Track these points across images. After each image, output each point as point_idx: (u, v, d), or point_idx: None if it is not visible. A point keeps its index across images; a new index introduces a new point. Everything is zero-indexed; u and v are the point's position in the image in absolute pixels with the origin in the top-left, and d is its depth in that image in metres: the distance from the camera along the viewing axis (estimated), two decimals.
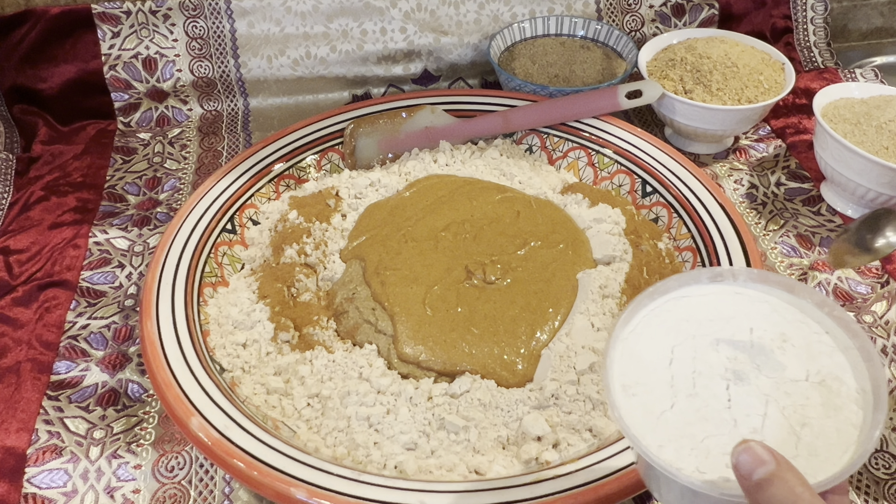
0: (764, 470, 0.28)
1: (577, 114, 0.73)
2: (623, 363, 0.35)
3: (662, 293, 0.37)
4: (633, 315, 0.37)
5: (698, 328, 0.35)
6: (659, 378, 0.34)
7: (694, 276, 0.37)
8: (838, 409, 0.31)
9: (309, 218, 0.66)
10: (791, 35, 0.93)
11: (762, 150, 0.79)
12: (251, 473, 0.45)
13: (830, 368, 0.33)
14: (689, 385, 0.33)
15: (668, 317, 0.36)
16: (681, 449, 0.31)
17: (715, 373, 0.33)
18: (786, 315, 0.35)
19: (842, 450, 0.31)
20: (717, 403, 0.32)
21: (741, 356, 0.34)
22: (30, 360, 0.58)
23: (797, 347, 0.34)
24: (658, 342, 0.35)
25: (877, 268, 0.64)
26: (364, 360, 0.55)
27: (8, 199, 0.75)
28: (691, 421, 0.32)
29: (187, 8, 0.85)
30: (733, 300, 0.36)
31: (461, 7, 0.87)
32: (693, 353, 0.34)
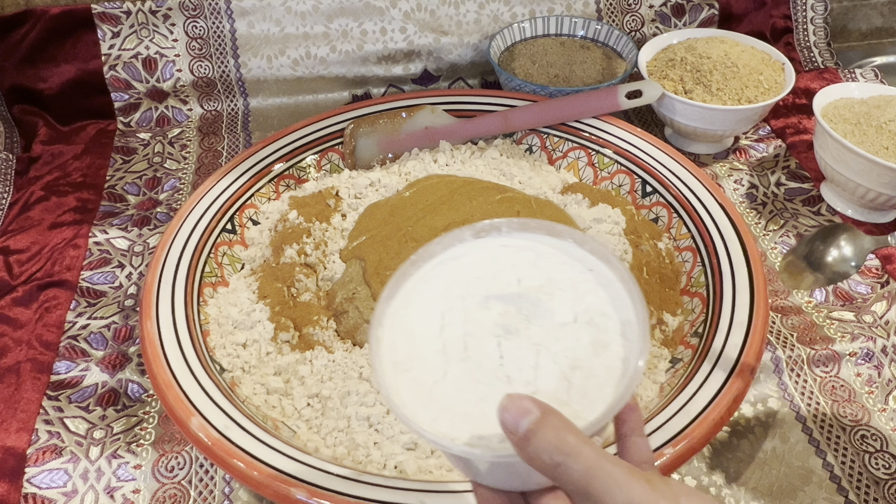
0: (528, 420, 0.27)
1: (577, 114, 0.73)
2: (393, 339, 0.33)
3: (427, 258, 0.36)
4: (398, 287, 0.35)
5: (467, 288, 0.34)
6: (430, 348, 0.32)
7: (457, 236, 0.36)
8: (606, 345, 0.31)
9: (309, 218, 0.66)
10: (791, 35, 0.93)
11: (762, 150, 0.79)
12: (251, 473, 0.45)
13: (597, 305, 0.32)
14: (461, 349, 0.32)
15: (436, 283, 0.35)
16: (455, 418, 0.30)
17: (486, 331, 0.32)
18: (551, 259, 0.34)
19: (612, 386, 0.30)
20: (490, 363, 0.31)
21: (511, 309, 0.33)
22: (30, 360, 0.58)
23: (564, 290, 0.33)
24: (428, 311, 0.34)
25: (877, 268, 0.64)
26: (364, 360, 0.55)
27: (8, 199, 0.75)
28: (463, 386, 0.31)
29: (187, 8, 0.85)
30: (499, 254, 0.35)
31: (461, 7, 0.87)
32: (463, 314, 0.33)
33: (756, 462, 0.52)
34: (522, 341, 0.31)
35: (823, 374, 0.56)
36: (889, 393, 0.55)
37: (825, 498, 0.49)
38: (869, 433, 0.53)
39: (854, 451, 0.52)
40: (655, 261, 0.62)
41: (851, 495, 0.49)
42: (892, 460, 0.51)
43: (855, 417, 0.54)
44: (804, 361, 0.57)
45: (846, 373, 0.56)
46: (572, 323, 0.32)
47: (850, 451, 0.52)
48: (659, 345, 0.56)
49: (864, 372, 0.56)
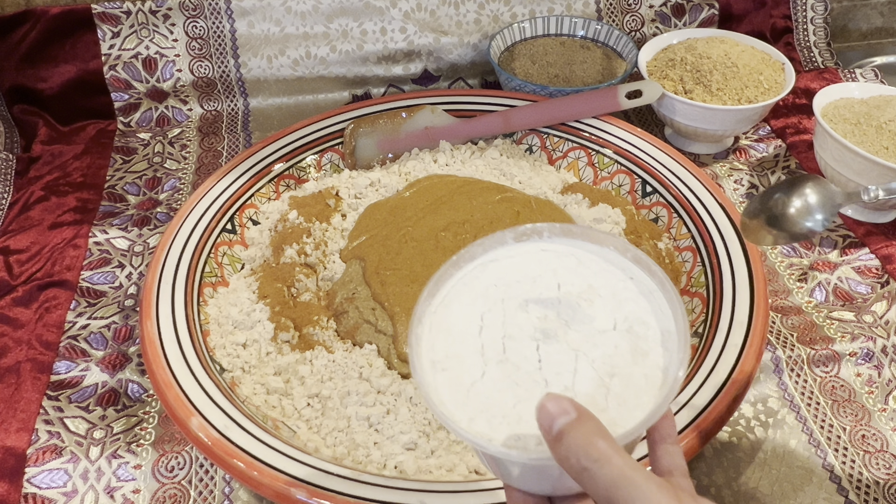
0: (563, 420, 0.27)
1: (577, 114, 0.73)
2: (432, 338, 0.33)
3: (468, 260, 0.36)
4: (438, 287, 0.35)
5: (507, 291, 0.34)
6: (469, 348, 0.33)
7: (499, 239, 0.36)
8: (645, 353, 0.31)
9: (309, 218, 0.66)
10: (791, 35, 0.93)
11: (762, 150, 0.79)
12: (251, 473, 0.45)
13: (637, 314, 0.32)
14: (499, 351, 0.32)
15: (476, 284, 0.35)
16: (493, 419, 0.30)
17: (525, 334, 0.32)
18: (591, 266, 0.35)
19: (650, 395, 0.30)
20: (528, 365, 0.31)
21: (550, 314, 0.33)
22: (30, 360, 0.58)
23: (604, 297, 0.33)
24: (467, 311, 0.34)
25: (877, 268, 0.64)
26: (364, 360, 0.55)
27: (8, 199, 0.75)
28: (502, 388, 0.31)
29: (187, 8, 0.85)
30: (540, 258, 0.35)
31: (461, 7, 0.87)
32: (503, 317, 0.33)
33: (756, 462, 0.52)
34: (561, 346, 0.32)
35: (823, 374, 0.56)
36: (889, 393, 0.55)
37: (825, 498, 0.49)
38: (869, 433, 0.53)
39: (854, 451, 0.52)
40: (656, 261, 0.62)
41: (851, 495, 0.49)
42: (892, 460, 0.51)
43: (855, 417, 0.54)
44: (804, 361, 0.57)
45: (846, 373, 0.56)
46: (611, 330, 0.32)
47: (850, 451, 0.52)
48: None
49: (864, 372, 0.56)
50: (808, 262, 0.66)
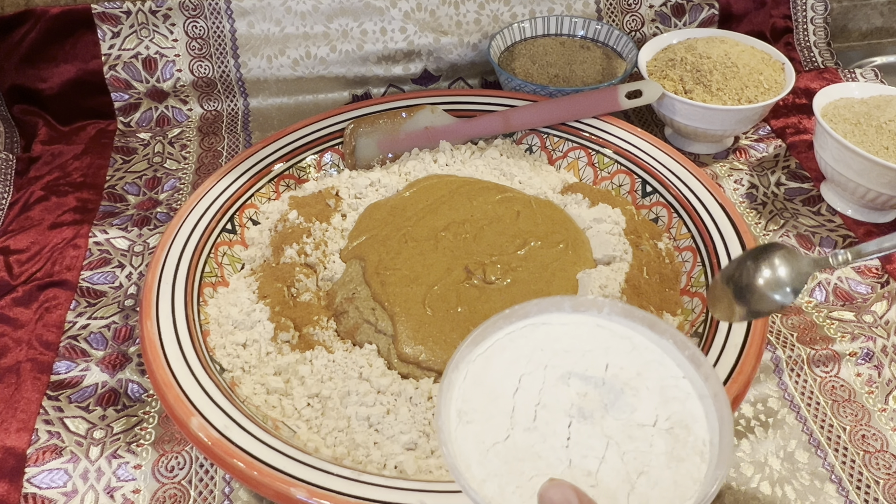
0: None
1: (577, 114, 0.73)
2: (465, 387, 0.32)
3: (521, 317, 0.35)
4: (484, 336, 0.34)
5: (552, 359, 0.33)
6: (499, 407, 0.31)
7: (556, 303, 0.35)
8: (681, 460, 0.29)
9: (309, 218, 0.66)
10: (791, 35, 0.93)
11: (762, 150, 0.79)
12: (251, 473, 0.45)
13: (681, 416, 0.31)
14: (530, 418, 0.31)
15: (523, 343, 0.34)
16: (505, 486, 0.29)
17: (560, 407, 0.31)
18: (645, 354, 0.33)
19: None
20: (555, 440, 0.30)
21: (591, 393, 0.32)
22: (30, 360, 0.58)
23: (650, 390, 0.32)
24: (507, 369, 0.33)
25: (877, 268, 0.64)
26: (364, 360, 0.55)
27: (8, 199, 0.75)
28: (523, 457, 0.30)
29: (187, 8, 0.85)
30: (593, 333, 0.34)
31: (461, 7, 0.87)
32: (541, 384, 0.32)
33: (756, 462, 0.52)
34: (595, 430, 0.31)
35: (823, 374, 0.56)
36: (889, 393, 0.55)
37: (825, 498, 0.49)
38: (869, 433, 0.53)
39: (854, 451, 0.52)
40: (655, 261, 0.62)
41: (851, 495, 0.49)
42: (892, 460, 0.51)
43: (855, 417, 0.54)
44: (804, 361, 0.57)
45: (846, 373, 0.56)
46: (651, 426, 0.30)
47: (850, 451, 0.52)
48: None
49: (864, 372, 0.56)
50: None
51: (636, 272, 0.60)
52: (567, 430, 0.30)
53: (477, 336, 0.34)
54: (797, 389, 0.56)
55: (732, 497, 0.50)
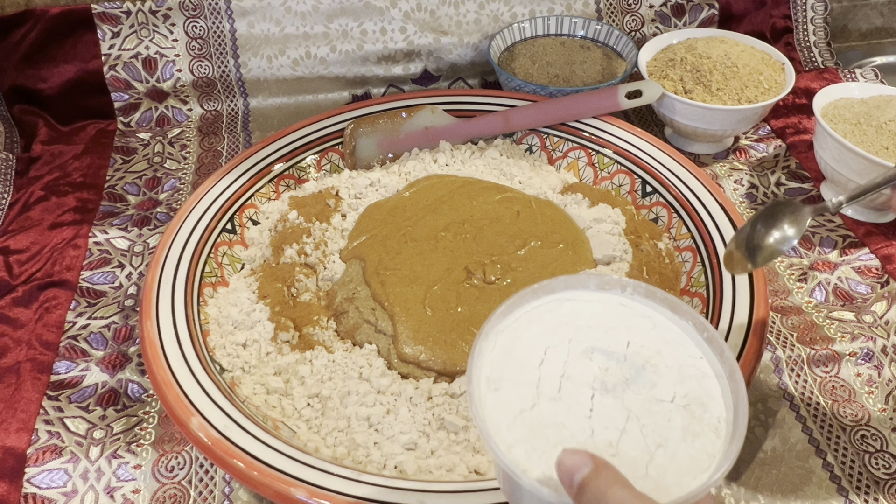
0: (581, 474, 0.28)
1: (577, 114, 0.73)
2: (493, 356, 0.34)
3: (548, 292, 0.37)
4: (512, 309, 0.36)
5: (576, 333, 0.35)
6: (526, 377, 0.33)
7: (582, 281, 0.37)
8: (697, 435, 0.31)
9: (309, 218, 0.66)
10: (791, 35, 0.93)
11: (762, 150, 0.79)
12: (251, 473, 0.45)
13: (698, 393, 0.32)
14: (555, 388, 0.32)
15: (549, 317, 0.36)
16: (532, 451, 0.30)
17: (583, 380, 0.33)
18: (665, 334, 0.34)
19: (691, 477, 0.30)
20: (579, 411, 0.32)
21: (613, 368, 0.33)
22: (30, 360, 0.58)
23: (669, 368, 0.33)
24: (533, 341, 0.35)
25: (877, 268, 0.64)
26: (364, 360, 0.55)
27: (8, 199, 0.75)
28: (549, 424, 0.31)
29: (187, 8, 0.85)
30: (617, 311, 0.36)
31: (461, 7, 0.87)
32: (566, 356, 0.34)
33: (756, 462, 0.52)
34: (616, 402, 0.32)
35: (823, 374, 0.56)
36: (889, 393, 0.55)
37: (825, 498, 0.49)
38: (869, 433, 0.53)
39: (854, 451, 0.52)
40: (655, 261, 0.62)
41: (851, 495, 0.49)
42: (892, 460, 0.51)
43: (855, 417, 0.54)
44: (804, 361, 0.57)
45: (846, 373, 0.56)
46: (669, 402, 0.32)
47: (850, 451, 0.52)
48: None
49: (864, 372, 0.56)
50: (808, 262, 0.66)
51: (636, 272, 0.60)
52: (590, 402, 0.32)
53: (505, 309, 0.35)
54: (797, 389, 0.56)
55: (733, 496, 0.50)
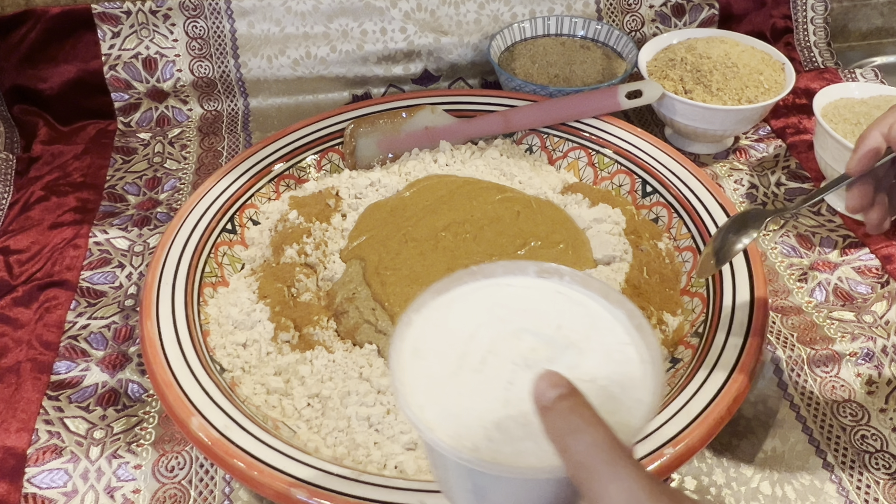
0: (557, 391, 0.29)
1: (577, 114, 0.73)
2: (423, 328, 0.35)
3: (487, 276, 0.37)
4: (450, 287, 0.37)
5: (509, 315, 0.35)
6: (452, 349, 0.34)
7: (521, 267, 0.37)
8: (611, 413, 0.31)
9: (309, 218, 0.66)
10: (791, 35, 0.93)
11: (762, 150, 0.79)
12: (251, 473, 0.45)
13: (619, 377, 0.33)
14: (478, 361, 0.33)
15: (485, 299, 0.36)
16: (443, 413, 0.31)
17: (508, 357, 0.33)
18: (597, 321, 0.35)
19: None
20: (498, 383, 0.32)
21: (540, 348, 0.34)
22: (30, 360, 0.58)
23: (595, 351, 0.34)
24: (465, 318, 0.35)
25: (877, 268, 0.64)
26: (364, 360, 0.55)
27: (8, 199, 0.75)
28: (464, 392, 0.32)
29: (187, 8, 0.85)
30: (552, 297, 0.36)
31: (461, 7, 0.87)
32: (496, 335, 0.34)
33: (756, 462, 0.52)
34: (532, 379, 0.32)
35: (823, 374, 0.56)
36: (889, 393, 0.55)
37: (825, 498, 0.49)
38: (869, 433, 0.53)
39: (854, 451, 0.52)
40: (655, 261, 0.62)
41: (851, 495, 0.49)
42: (892, 460, 0.51)
43: (855, 417, 0.54)
44: (804, 361, 0.57)
45: (846, 373, 0.56)
46: (588, 382, 0.32)
47: (850, 451, 0.52)
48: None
49: (864, 372, 0.56)
50: (808, 262, 0.66)
51: (636, 272, 0.60)
52: (510, 376, 0.32)
53: (441, 286, 0.36)
54: (797, 389, 0.56)
55: (733, 496, 0.50)
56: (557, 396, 0.29)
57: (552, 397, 0.29)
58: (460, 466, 0.30)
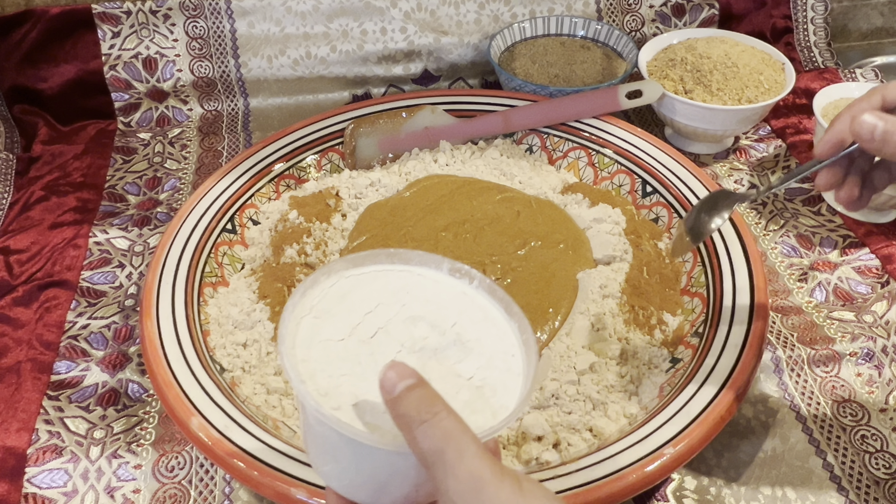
0: (405, 383, 0.30)
1: (577, 114, 0.73)
2: (328, 292, 0.36)
3: (403, 261, 0.38)
4: (364, 263, 0.38)
5: (412, 301, 0.36)
6: (349, 318, 0.35)
7: (436, 261, 0.38)
8: (475, 412, 0.32)
9: (309, 218, 0.66)
10: (791, 35, 0.93)
11: (762, 150, 0.79)
12: (251, 473, 0.45)
13: (495, 382, 0.34)
14: (368, 334, 0.34)
15: (394, 282, 0.37)
16: (317, 370, 0.32)
17: (398, 338, 0.35)
18: (491, 328, 0.36)
19: None
20: (380, 358, 0.33)
21: (431, 338, 0.35)
22: (30, 360, 0.58)
23: (481, 354, 0.35)
24: (371, 293, 0.36)
25: (877, 268, 0.64)
26: None
27: (8, 199, 0.76)
28: (345, 357, 0.33)
29: (187, 8, 0.85)
30: (457, 296, 0.37)
31: (461, 7, 0.87)
32: (393, 315, 0.35)
33: (756, 462, 0.52)
34: (417, 363, 0.33)
35: (823, 374, 0.56)
36: (889, 393, 0.55)
37: (825, 498, 0.49)
38: (869, 433, 0.53)
39: (854, 451, 0.52)
40: (655, 261, 0.62)
41: (851, 495, 0.49)
42: (892, 460, 0.51)
43: (855, 417, 0.54)
44: (804, 361, 0.57)
45: (846, 373, 0.56)
46: (465, 380, 0.34)
47: (850, 451, 0.52)
48: (659, 345, 0.56)
49: (864, 372, 0.56)
50: (808, 262, 0.66)
51: (636, 272, 0.60)
52: (394, 355, 0.34)
53: (357, 260, 0.38)
54: (797, 389, 0.56)
55: (733, 496, 0.50)
56: (406, 387, 0.30)
57: (401, 387, 0.30)
58: (320, 424, 0.31)
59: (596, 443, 0.49)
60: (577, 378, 0.53)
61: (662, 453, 0.45)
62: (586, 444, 0.49)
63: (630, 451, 0.45)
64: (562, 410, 0.51)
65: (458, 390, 0.33)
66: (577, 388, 0.52)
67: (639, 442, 0.46)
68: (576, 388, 0.52)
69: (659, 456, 0.45)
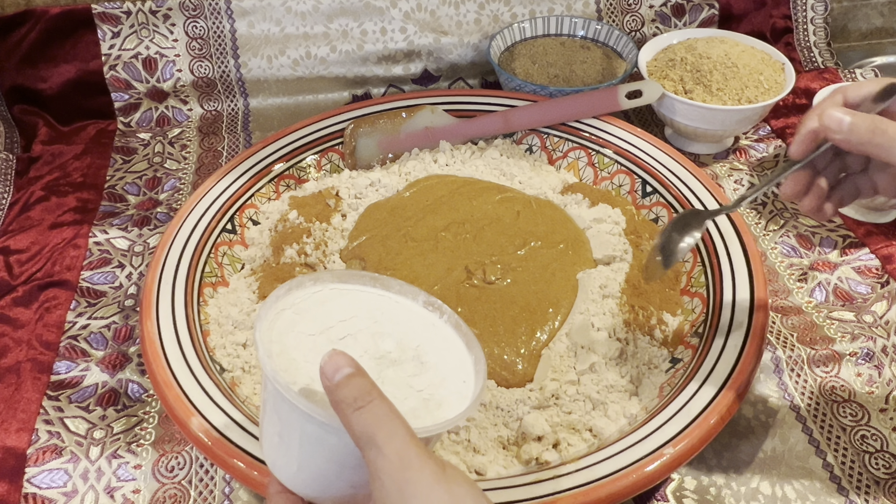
0: (342, 373, 0.32)
1: (577, 114, 0.73)
2: (311, 297, 0.40)
3: (384, 287, 0.42)
4: (349, 280, 0.41)
5: (381, 319, 0.40)
6: (324, 319, 0.39)
7: (413, 293, 0.42)
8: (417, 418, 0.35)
9: (309, 218, 0.66)
10: (791, 35, 0.93)
11: (762, 150, 0.79)
12: (251, 473, 0.45)
13: (442, 398, 0.37)
14: (338, 337, 0.38)
15: (371, 302, 0.41)
16: (282, 354, 0.36)
17: (363, 346, 0.38)
18: (452, 357, 0.39)
19: None
20: None
21: (393, 353, 0.38)
22: (30, 360, 0.58)
23: (436, 375, 0.38)
24: (347, 306, 0.40)
25: (877, 268, 0.64)
26: None
27: (8, 199, 0.76)
28: (314, 349, 0.37)
29: (187, 8, 0.85)
30: (427, 326, 0.41)
31: (461, 7, 0.87)
32: (364, 328, 0.39)
33: (756, 462, 0.52)
34: (374, 370, 0.37)
35: (823, 374, 0.56)
36: (889, 393, 0.55)
37: (825, 498, 0.49)
38: (869, 433, 0.53)
39: (854, 451, 0.52)
40: None
41: (851, 495, 0.49)
42: (892, 460, 0.51)
43: (855, 417, 0.54)
44: (804, 361, 0.57)
45: (846, 373, 0.56)
46: (416, 391, 0.37)
47: (850, 451, 0.52)
48: (659, 345, 0.56)
49: (864, 372, 0.56)
50: (808, 262, 0.66)
51: (636, 272, 0.60)
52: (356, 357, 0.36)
53: (343, 276, 0.41)
54: (797, 389, 0.56)
55: (733, 496, 0.50)
56: (345, 376, 0.32)
57: (340, 376, 0.32)
58: (275, 395, 0.34)
59: (596, 443, 0.49)
60: (577, 378, 0.53)
61: (662, 453, 0.45)
62: (586, 444, 0.49)
63: (630, 451, 0.45)
64: (562, 410, 0.51)
65: (407, 397, 0.36)
66: (576, 388, 0.52)
67: (639, 442, 0.46)
68: (576, 388, 0.52)
69: (659, 456, 0.45)
